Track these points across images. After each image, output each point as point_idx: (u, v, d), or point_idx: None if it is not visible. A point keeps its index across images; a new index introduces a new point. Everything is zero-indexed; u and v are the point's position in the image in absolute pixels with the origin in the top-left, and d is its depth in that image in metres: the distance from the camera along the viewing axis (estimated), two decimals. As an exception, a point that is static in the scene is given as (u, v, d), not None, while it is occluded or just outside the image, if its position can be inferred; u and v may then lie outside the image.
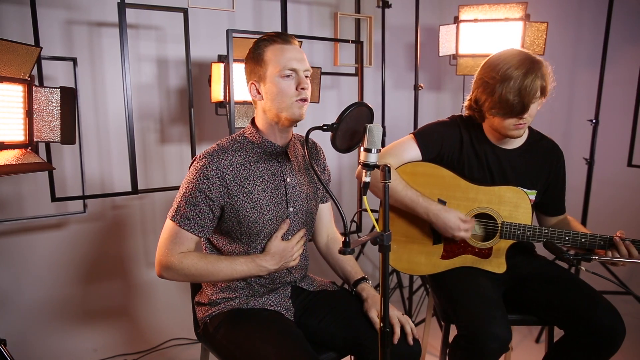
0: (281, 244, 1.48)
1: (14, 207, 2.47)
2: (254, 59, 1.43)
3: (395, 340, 1.40)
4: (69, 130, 1.73)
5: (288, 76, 1.39)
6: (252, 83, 1.45)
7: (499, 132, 1.70)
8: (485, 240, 1.75)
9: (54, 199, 2.00)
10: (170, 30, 2.79)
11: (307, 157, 1.23)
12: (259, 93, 1.44)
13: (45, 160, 1.71)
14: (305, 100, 1.42)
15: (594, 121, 2.77)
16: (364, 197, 1.21)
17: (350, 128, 1.25)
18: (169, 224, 1.43)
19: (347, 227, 1.10)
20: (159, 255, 1.42)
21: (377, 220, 1.87)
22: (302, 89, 1.40)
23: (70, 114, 1.74)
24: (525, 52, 1.62)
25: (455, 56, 2.85)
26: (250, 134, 1.50)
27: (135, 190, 2.22)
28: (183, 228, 1.40)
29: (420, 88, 2.78)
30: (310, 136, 1.70)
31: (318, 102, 2.60)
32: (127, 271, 2.86)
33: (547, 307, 1.65)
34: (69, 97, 1.72)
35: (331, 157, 1.86)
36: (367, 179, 1.22)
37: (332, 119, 1.25)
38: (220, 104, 2.48)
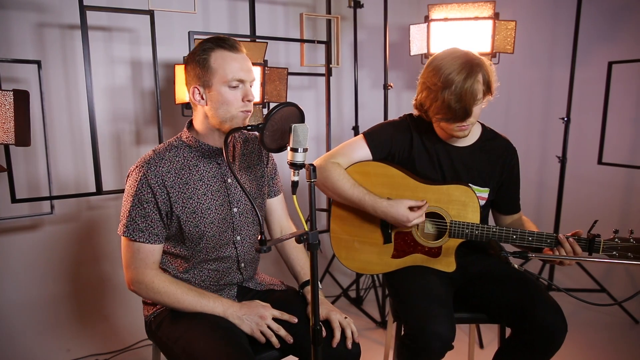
0: (259, 310, 1.47)
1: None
2: (199, 63, 1.39)
3: (334, 344, 1.42)
4: (23, 132, 1.76)
5: (235, 87, 1.40)
6: (195, 87, 1.41)
7: (446, 132, 1.71)
8: (438, 239, 1.75)
9: (13, 200, 2.03)
10: (143, 33, 2.81)
11: (227, 160, 1.24)
12: (202, 98, 1.42)
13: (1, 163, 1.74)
14: (249, 111, 1.43)
15: (565, 119, 2.76)
16: (294, 197, 1.23)
17: (279, 128, 1.27)
18: (125, 242, 1.44)
19: (262, 224, 1.11)
20: (128, 273, 1.45)
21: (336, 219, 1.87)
22: (249, 100, 1.41)
23: (25, 116, 1.76)
24: (466, 53, 1.62)
25: (427, 55, 2.84)
26: (187, 137, 1.50)
27: (99, 191, 2.24)
28: (139, 241, 1.42)
29: (389, 87, 2.78)
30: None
31: (285, 102, 2.62)
32: (102, 271, 2.88)
33: (495, 305, 1.65)
34: (22, 99, 1.75)
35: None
36: (296, 179, 1.24)
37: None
38: (186, 105, 2.50)
